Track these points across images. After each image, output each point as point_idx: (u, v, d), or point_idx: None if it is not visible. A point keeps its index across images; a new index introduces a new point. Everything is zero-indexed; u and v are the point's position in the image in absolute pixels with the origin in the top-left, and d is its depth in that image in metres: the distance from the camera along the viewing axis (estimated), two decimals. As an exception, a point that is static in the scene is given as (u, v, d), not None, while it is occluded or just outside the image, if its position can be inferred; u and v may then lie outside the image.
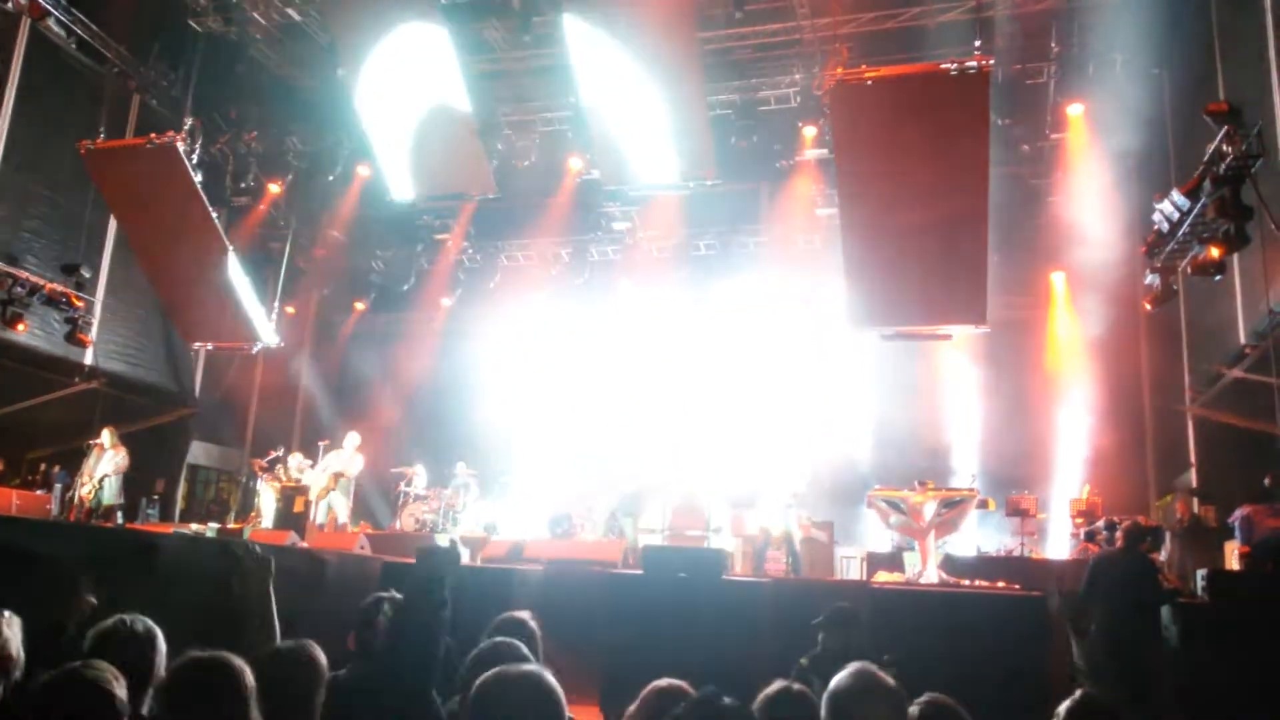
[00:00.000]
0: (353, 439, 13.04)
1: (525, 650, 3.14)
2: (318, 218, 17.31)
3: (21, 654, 2.85)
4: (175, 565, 5.75)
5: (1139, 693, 5.95)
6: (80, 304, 12.94)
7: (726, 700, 2.28)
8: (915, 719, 2.52)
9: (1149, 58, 12.31)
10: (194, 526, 12.89)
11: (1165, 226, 9.48)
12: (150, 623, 3.13)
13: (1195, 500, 11.04)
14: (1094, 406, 12.91)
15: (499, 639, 3.20)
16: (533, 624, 3.56)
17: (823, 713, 2.45)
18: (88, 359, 13.90)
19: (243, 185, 15.72)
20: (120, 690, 2.46)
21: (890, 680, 2.48)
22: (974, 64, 10.46)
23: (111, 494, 11.98)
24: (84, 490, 11.89)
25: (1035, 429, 14.29)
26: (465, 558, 9.14)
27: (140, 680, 2.76)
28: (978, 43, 11.29)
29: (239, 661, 2.50)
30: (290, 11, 13.60)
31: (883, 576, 9.57)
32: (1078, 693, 2.77)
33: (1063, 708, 2.68)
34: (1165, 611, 6.61)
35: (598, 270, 17.04)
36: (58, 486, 12.28)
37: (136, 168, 13.45)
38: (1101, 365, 13.28)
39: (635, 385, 16.90)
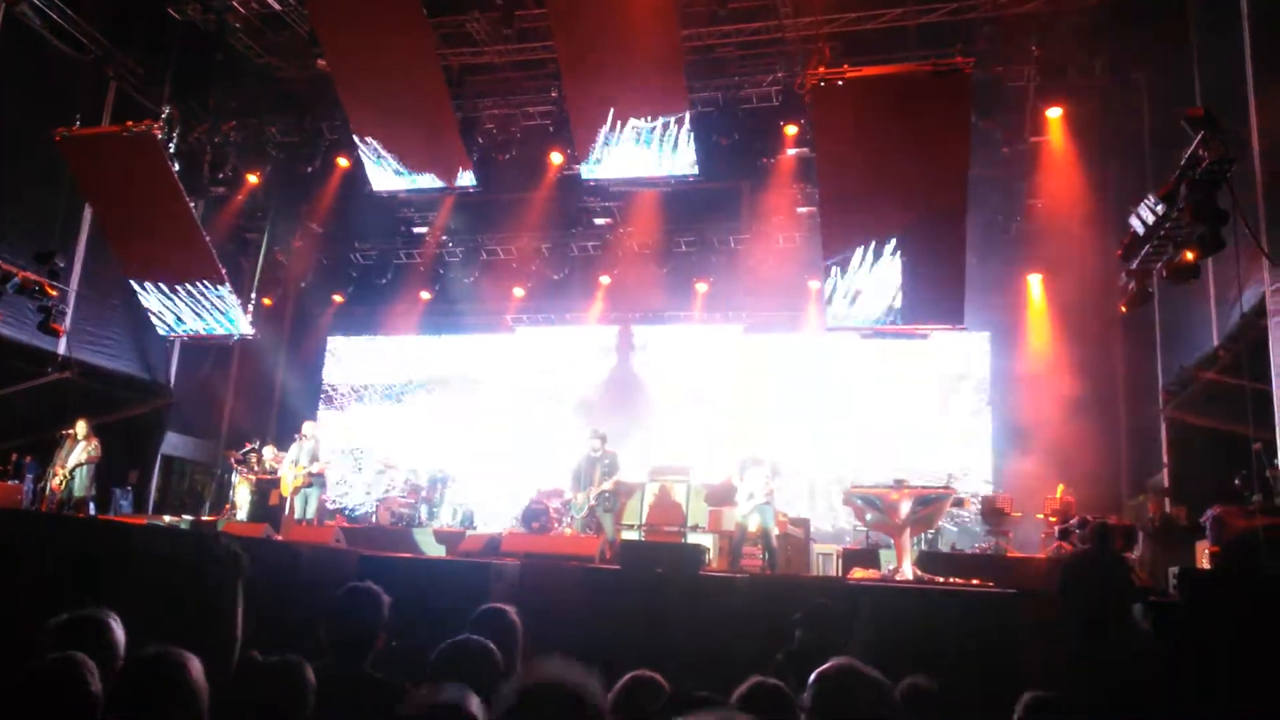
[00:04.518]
0: (310, 427, 12.92)
1: (492, 647, 3.13)
2: (296, 209, 17.18)
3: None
4: (148, 557, 5.71)
5: (1110, 690, 6.00)
6: (54, 293, 12.78)
7: (703, 694, 2.29)
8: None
9: (1128, 62, 12.42)
10: (168, 518, 12.82)
11: (1141, 230, 9.56)
12: (110, 614, 3.12)
13: (1167, 500, 11.16)
14: (1068, 407, 13.02)
15: (465, 635, 3.19)
16: (513, 617, 3.56)
17: (807, 704, 2.45)
18: (61, 349, 13.74)
19: (220, 175, 15.55)
20: (95, 682, 2.44)
21: (874, 672, 2.49)
22: (955, 65, 10.53)
23: (83, 485, 11.86)
24: (55, 481, 11.78)
25: (1011, 429, 14.42)
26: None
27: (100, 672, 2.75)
28: (959, 44, 11.37)
29: (189, 657, 2.47)
30: (270, 0, 13.50)
31: (858, 573, 9.62)
32: (1028, 695, 2.77)
33: (1020, 704, 2.69)
34: (1137, 609, 6.68)
35: (577, 265, 17.02)
36: (29, 477, 12.15)
37: (112, 156, 13.33)
38: (1076, 367, 13.40)
39: (613, 382, 16.95)
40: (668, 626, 6.74)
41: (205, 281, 14.50)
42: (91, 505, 12.17)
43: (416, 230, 17.33)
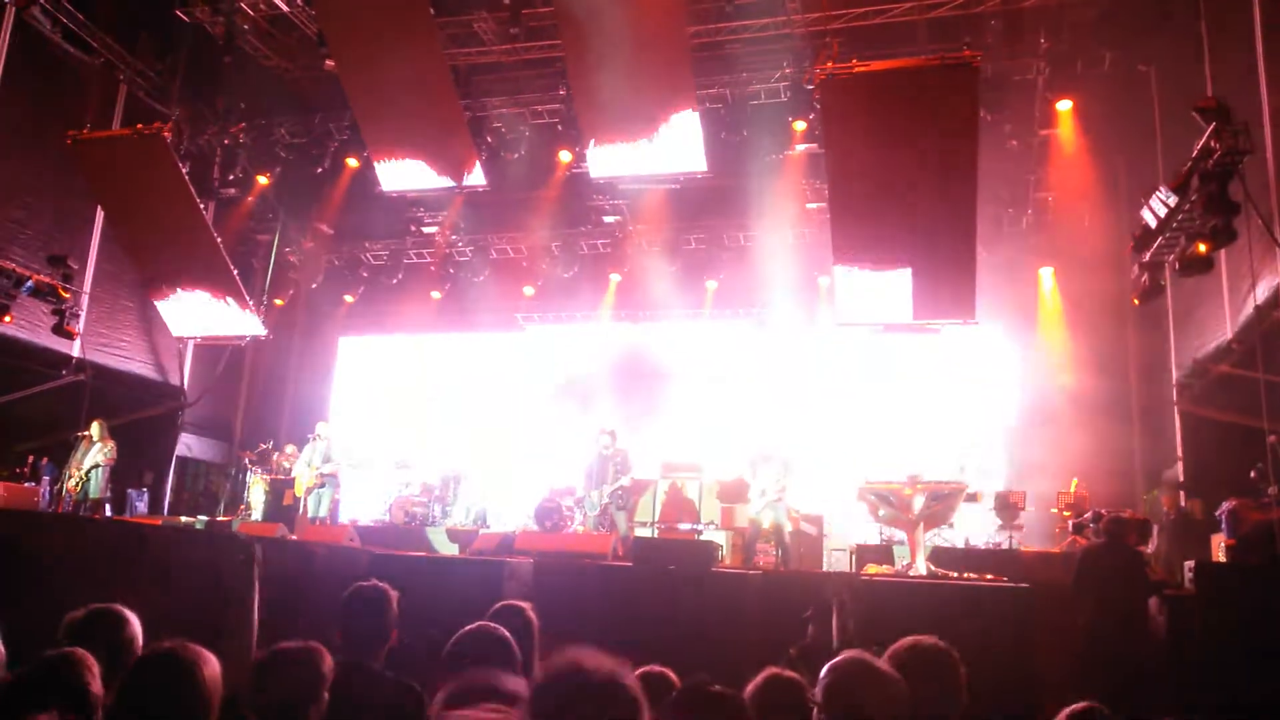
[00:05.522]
0: (323, 427, 12.96)
1: (506, 635, 3.13)
2: (306, 210, 17.24)
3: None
4: (165, 555, 5.74)
5: (1125, 684, 5.99)
6: (67, 295, 12.86)
7: (716, 687, 2.29)
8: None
9: (1137, 54, 12.36)
10: (183, 519, 12.89)
11: (1153, 222, 9.53)
12: (125, 611, 3.14)
13: (1182, 493, 11.11)
14: (1082, 401, 12.97)
15: (482, 623, 3.20)
16: (530, 614, 3.57)
17: (819, 697, 2.46)
18: (75, 351, 13.83)
19: (230, 177, 15.62)
20: (94, 680, 2.45)
21: (885, 666, 2.49)
22: (963, 59, 10.49)
23: (98, 486, 11.92)
24: (71, 483, 11.85)
25: (1024, 423, 14.36)
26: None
27: (114, 668, 2.75)
28: (967, 38, 11.34)
29: (200, 652, 2.47)
30: (278, 2, 13.54)
31: (872, 569, 9.61)
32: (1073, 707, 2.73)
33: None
34: (1152, 603, 6.67)
35: (587, 263, 17.03)
36: (46, 479, 12.23)
37: (123, 159, 13.40)
38: (1089, 360, 13.36)
39: (624, 380, 16.94)
40: (681, 623, 6.75)
41: (217, 282, 14.55)
42: (107, 507, 12.25)
43: (426, 230, 17.36)
